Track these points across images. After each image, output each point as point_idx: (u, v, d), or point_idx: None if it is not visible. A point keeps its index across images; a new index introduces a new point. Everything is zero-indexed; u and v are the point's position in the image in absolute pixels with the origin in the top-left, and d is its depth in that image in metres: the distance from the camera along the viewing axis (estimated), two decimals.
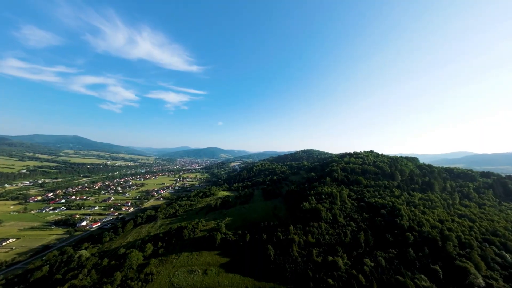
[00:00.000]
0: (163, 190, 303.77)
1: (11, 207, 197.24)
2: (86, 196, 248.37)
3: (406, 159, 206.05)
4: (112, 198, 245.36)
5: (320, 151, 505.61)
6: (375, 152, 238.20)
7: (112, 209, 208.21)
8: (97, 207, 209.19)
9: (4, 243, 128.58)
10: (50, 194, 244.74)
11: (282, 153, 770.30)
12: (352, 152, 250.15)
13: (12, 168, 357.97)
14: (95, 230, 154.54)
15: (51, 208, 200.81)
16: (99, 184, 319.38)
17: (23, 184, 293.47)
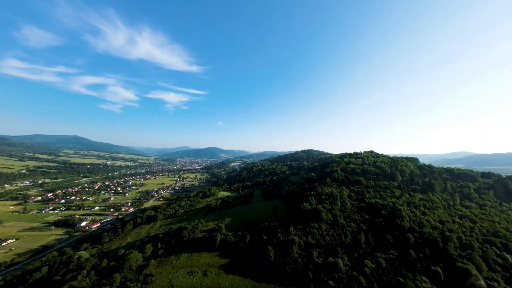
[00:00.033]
0: (163, 190, 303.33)
1: (11, 208, 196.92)
2: (85, 197, 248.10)
3: (407, 159, 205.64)
4: (112, 198, 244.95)
5: (320, 151, 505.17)
6: (375, 153, 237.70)
7: (111, 209, 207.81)
8: (96, 208, 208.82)
9: (3, 244, 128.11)
10: (49, 194, 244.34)
11: (282, 153, 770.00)
12: (352, 152, 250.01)
13: (12, 168, 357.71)
14: (94, 230, 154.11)
15: (50, 208, 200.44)
16: (99, 184, 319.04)
17: (22, 184, 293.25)
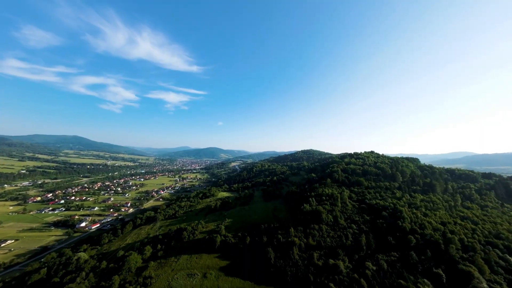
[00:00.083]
0: (163, 190, 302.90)
1: (10, 208, 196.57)
2: (85, 197, 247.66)
3: (407, 159, 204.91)
4: (112, 198, 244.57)
5: (320, 151, 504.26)
6: (375, 153, 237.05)
7: (111, 210, 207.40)
8: (96, 208, 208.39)
9: (2, 245, 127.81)
10: (49, 195, 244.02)
11: (282, 153, 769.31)
12: (352, 152, 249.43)
13: (12, 169, 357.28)
14: (94, 231, 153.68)
15: (50, 208, 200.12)
16: (99, 185, 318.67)
17: (22, 184, 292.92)
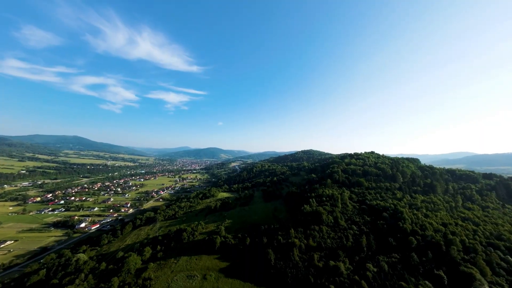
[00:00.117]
0: (163, 191, 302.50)
1: (10, 208, 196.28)
2: (85, 197, 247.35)
3: (408, 160, 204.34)
4: (112, 199, 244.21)
5: (321, 151, 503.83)
6: (376, 153, 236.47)
7: (111, 210, 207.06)
8: (96, 208, 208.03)
9: (2, 245, 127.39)
10: (49, 195, 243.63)
11: (282, 153, 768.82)
12: (352, 153, 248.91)
13: (12, 169, 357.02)
14: (94, 232, 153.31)
15: (50, 209, 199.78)
16: (99, 185, 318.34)
17: (22, 185, 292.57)
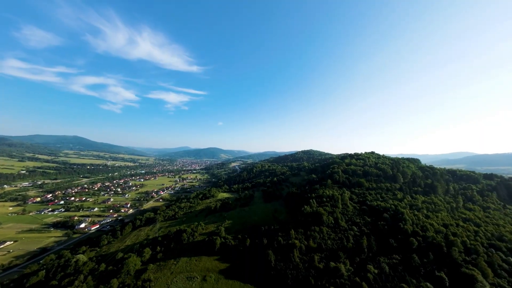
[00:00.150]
0: (163, 191, 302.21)
1: (10, 209, 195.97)
2: (85, 197, 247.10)
3: (408, 160, 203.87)
4: (112, 199, 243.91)
5: (321, 151, 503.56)
6: (376, 153, 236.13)
7: (111, 210, 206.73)
8: (96, 209, 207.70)
9: (1, 246, 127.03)
10: (49, 195, 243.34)
11: (282, 153, 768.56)
12: (353, 153, 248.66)
13: (12, 169, 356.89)
14: (93, 232, 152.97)
15: (50, 209, 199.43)
16: (99, 185, 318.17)
17: (22, 185, 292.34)
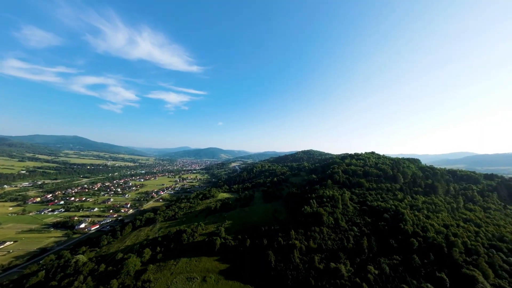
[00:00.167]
0: (163, 191, 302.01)
1: (10, 209, 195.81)
2: (85, 198, 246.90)
3: (408, 160, 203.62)
4: (112, 199, 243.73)
5: (321, 151, 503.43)
6: (376, 154, 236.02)
7: (111, 210, 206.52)
8: (96, 209, 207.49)
9: (1, 246, 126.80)
10: (49, 196, 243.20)
11: (282, 153, 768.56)
12: (353, 153, 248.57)
13: (12, 169, 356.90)
14: (93, 232, 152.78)
15: (49, 209, 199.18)
16: (99, 185, 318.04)
17: (22, 185, 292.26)
